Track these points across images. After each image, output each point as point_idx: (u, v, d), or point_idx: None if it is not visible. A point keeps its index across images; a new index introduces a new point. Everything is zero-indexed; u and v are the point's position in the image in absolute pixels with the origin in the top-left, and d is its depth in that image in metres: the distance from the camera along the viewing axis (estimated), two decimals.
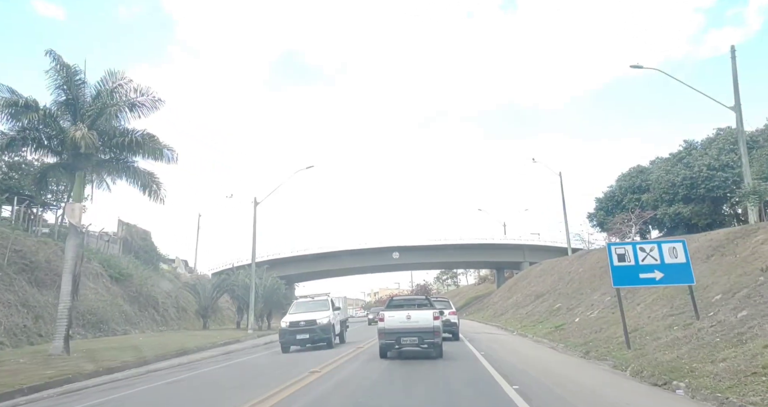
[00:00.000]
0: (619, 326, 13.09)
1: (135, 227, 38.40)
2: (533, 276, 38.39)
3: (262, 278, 36.49)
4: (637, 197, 36.59)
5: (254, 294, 35.12)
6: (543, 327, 19.74)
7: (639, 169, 38.62)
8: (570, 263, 30.53)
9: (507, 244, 52.18)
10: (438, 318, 12.18)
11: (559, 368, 10.49)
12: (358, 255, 51.72)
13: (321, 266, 52.62)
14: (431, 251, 51.84)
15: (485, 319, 34.19)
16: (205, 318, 33.95)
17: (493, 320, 31.49)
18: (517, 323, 24.57)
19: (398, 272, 75.07)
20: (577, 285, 23.69)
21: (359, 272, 59.75)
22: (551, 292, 27.11)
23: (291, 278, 56.10)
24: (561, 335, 16.26)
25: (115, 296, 28.88)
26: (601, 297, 18.79)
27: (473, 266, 67.76)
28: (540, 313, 23.70)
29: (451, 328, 17.70)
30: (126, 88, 17.52)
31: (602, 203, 40.75)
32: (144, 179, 17.63)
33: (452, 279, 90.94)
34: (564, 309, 21.17)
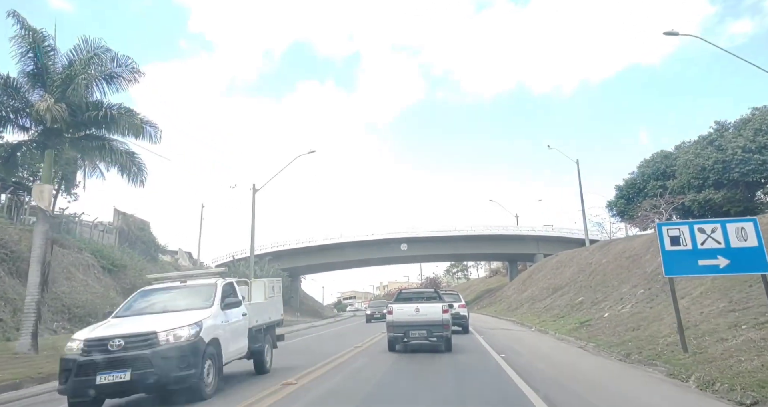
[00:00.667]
0: (662, 323, 11.15)
1: (132, 216, 36.90)
2: (549, 268, 36.34)
3: (264, 270, 34.86)
4: (661, 183, 34.22)
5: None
6: (565, 323, 17.80)
7: (663, 154, 36.20)
8: (590, 254, 28.45)
9: (520, 235, 50.01)
10: (447, 311, 12.00)
11: (599, 376, 8.57)
12: (365, 247, 49.98)
13: (326, 259, 51.00)
14: (441, 242, 49.90)
15: (499, 313, 32.27)
16: None
17: (507, 314, 29.56)
18: (535, 318, 22.64)
19: (406, 264, 73.24)
20: (601, 277, 21.65)
21: (366, 264, 58.07)
22: (571, 285, 25.10)
23: (296, 271, 54.63)
24: (588, 332, 14.31)
25: (108, 288, 27.39)
26: (632, 290, 16.78)
27: (484, 258, 65.72)
28: (560, 307, 21.72)
29: (461, 321, 17.50)
30: (103, 59, 15.83)
31: (623, 191, 38.38)
32: (122, 159, 15.89)
33: (462, 272, 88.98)
34: (588, 303, 19.18)
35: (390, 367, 9.71)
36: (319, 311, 61.69)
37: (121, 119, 15.42)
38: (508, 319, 26.74)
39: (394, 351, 12.04)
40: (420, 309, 11.94)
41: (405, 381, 8.27)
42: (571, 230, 51.82)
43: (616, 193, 39.69)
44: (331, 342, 16.32)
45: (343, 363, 10.37)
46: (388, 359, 10.76)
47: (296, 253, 50.84)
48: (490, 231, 49.83)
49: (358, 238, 49.40)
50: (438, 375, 8.84)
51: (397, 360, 10.76)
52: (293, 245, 50.63)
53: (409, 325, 11.73)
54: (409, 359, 11.01)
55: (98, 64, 15.73)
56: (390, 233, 49.66)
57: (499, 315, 30.73)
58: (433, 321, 11.69)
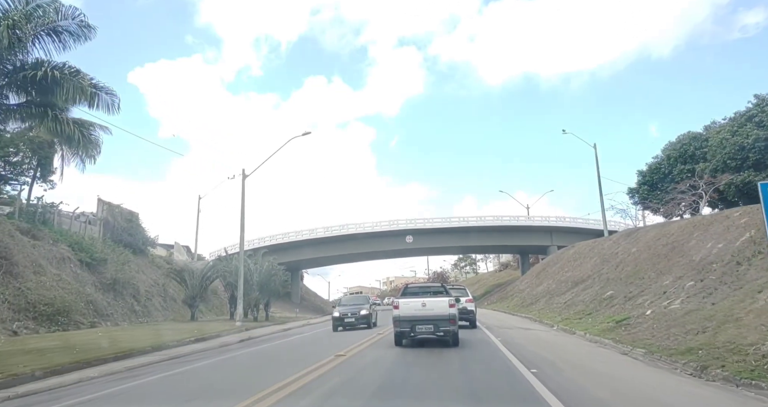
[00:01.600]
0: (740, 324, 8.50)
1: (119, 207, 34.61)
2: (565, 260, 33.57)
3: (258, 264, 32.49)
4: (689, 167, 31.33)
5: (246, 281, 31.16)
6: (595, 321, 15.15)
7: (691, 135, 33.21)
8: (614, 243, 25.67)
9: (532, 226, 47.24)
10: (453, 305, 11.87)
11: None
12: (368, 239, 47.47)
13: (327, 252, 48.55)
14: (448, 234, 47.23)
15: (512, 309, 29.62)
16: (192, 308, 30.12)
17: (522, 310, 26.91)
18: (555, 314, 19.99)
19: (412, 258, 70.59)
20: (633, 268, 18.92)
21: (369, 257, 55.60)
22: (594, 277, 22.37)
23: (297, 265, 52.27)
24: (630, 334, 11.68)
25: (84, 284, 25.10)
26: (677, 282, 14.06)
27: (494, 250, 62.94)
28: (585, 303, 19.04)
29: (468, 316, 17.46)
30: (47, 10, 13.37)
31: (646, 176, 35.51)
32: (69, 129, 13.44)
33: (471, 266, 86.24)
34: (620, 298, 16.48)
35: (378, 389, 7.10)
36: (321, 307, 59.34)
37: (65, 81, 12.91)
38: (524, 316, 24.10)
39: (401, 346, 11.85)
40: (426, 304, 11.80)
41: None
42: (586, 220, 49.01)
43: (638, 179, 36.82)
44: (311, 348, 13.74)
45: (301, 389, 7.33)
46: (375, 376, 8.11)
47: (296, 246, 48.44)
48: (500, 222, 47.10)
49: (361, 230, 46.90)
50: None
51: (390, 373, 8.15)
52: (293, 237, 48.22)
53: (416, 320, 11.64)
54: (407, 372, 8.42)
55: (39, 17, 13.24)
56: (394, 223, 47.09)
57: (513, 311, 28.09)
58: (440, 315, 11.57)
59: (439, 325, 11.49)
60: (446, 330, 11.51)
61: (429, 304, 11.80)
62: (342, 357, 9.99)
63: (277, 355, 12.39)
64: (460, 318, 13.59)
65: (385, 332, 15.84)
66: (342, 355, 10.30)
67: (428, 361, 9.73)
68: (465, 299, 17.67)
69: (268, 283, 32.01)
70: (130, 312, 27.57)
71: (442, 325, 11.48)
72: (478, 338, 13.03)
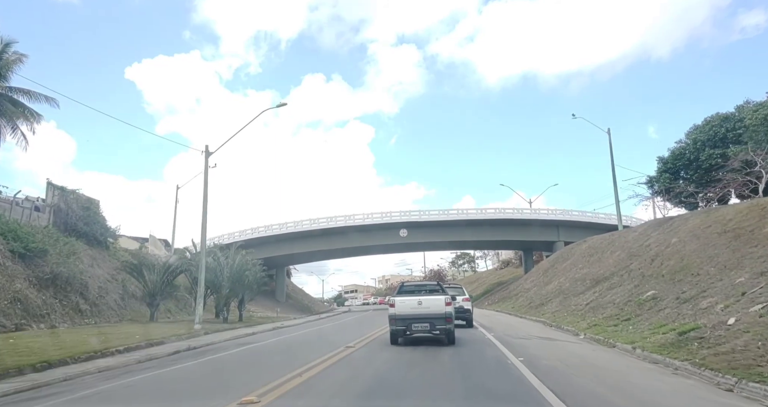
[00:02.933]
0: None
1: (74, 193, 30.58)
2: (577, 256, 29.82)
3: (230, 257, 28.58)
4: (720, 151, 27.54)
5: (216, 277, 27.27)
6: (640, 330, 11.37)
7: (721, 116, 29.38)
8: (641, 235, 21.90)
9: (537, 220, 43.38)
10: (450, 303, 11.74)
11: None
12: (359, 233, 43.55)
13: (316, 246, 44.63)
14: (445, 228, 43.37)
15: (519, 311, 25.82)
16: (152, 307, 26.18)
17: (531, 312, 23.12)
18: (577, 319, 16.20)
19: (407, 253, 66.43)
20: (678, 263, 15.11)
21: (362, 253, 51.70)
22: (622, 274, 18.57)
23: (280, 261, 48.38)
24: (714, 353, 7.87)
25: (14, 278, 21.15)
26: (758, 280, 10.24)
27: (495, 246, 58.98)
28: (616, 305, 15.22)
29: (465, 315, 17.29)
30: None
31: (667, 163, 31.64)
32: None
33: (469, 264, 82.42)
34: (669, 300, 12.67)
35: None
36: (308, 306, 55.45)
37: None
38: (535, 319, 20.30)
39: (396, 344, 11.60)
40: (423, 302, 11.71)
41: None
42: (596, 214, 45.21)
43: (659, 166, 32.92)
44: (246, 373, 9.66)
45: None
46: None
47: (281, 240, 44.50)
48: (502, 215, 43.26)
49: (351, 222, 42.99)
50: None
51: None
52: (276, 230, 44.25)
53: (412, 318, 11.54)
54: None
55: None
56: (387, 216, 43.19)
57: (521, 313, 24.28)
58: (436, 313, 11.48)
59: (435, 324, 11.40)
60: (442, 329, 11.45)
61: (425, 302, 11.64)
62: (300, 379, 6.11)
63: (187, 380, 8.50)
64: (457, 317, 14.11)
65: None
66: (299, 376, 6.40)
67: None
68: (462, 299, 17.49)
69: (241, 279, 28.09)
70: (75, 311, 23.56)
71: (438, 324, 11.40)
72: (493, 360, 8.99)
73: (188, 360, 10.42)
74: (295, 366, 8.36)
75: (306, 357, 9.84)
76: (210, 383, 7.75)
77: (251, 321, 30.06)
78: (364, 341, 12.49)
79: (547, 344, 11.58)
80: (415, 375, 7.65)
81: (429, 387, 6.73)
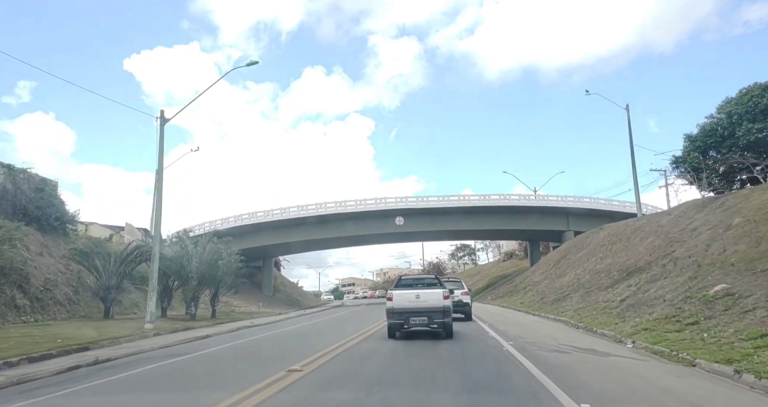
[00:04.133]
0: None
1: (24, 172, 26.88)
2: (595, 245, 26.33)
3: (199, 245, 25.05)
4: (761, 125, 23.94)
5: (183, 268, 23.81)
6: (725, 339, 7.94)
7: (762, 86, 25.65)
8: (681, 217, 18.37)
9: (546, 207, 39.81)
10: (448, 297, 11.68)
11: None
12: (351, 221, 40.03)
13: (305, 235, 41.10)
14: (443, 216, 39.79)
15: (530, 307, 22.35)
16: (107, 302, 22.67)
17: (545, 309, 19.65)
18: (613, 319, 12.72)
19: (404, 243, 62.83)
20: (754, 248, 11.57)
21: (354, 242, 48.18)
22: (664, 264, 15.06)
23: (268, 251, 44.91)
24: None
25: None
26: None
27: (498, 236, 55.39)
28: (668, 302, 11.72)
29: (464, 309, 17.34)
30: None
31: (696, 141, 27.97)
32: None
33: (470, 256, 78.98)
34: (758, 298, 9.17)
35: None
36: (297, 300, 52.04)
37: None
38: (553, 317, 16.82)
39: (394, 338, 11.53)
40: (420, 296, 11.62)
41: None
42: (609, 201, 41.66)
43: (685, 145, 29.23)
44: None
45: None
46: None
47: (265, 229, 40.94)
48: (507, 202, 39.67)
49: (342, 209, 39.42)
50: None
51: None
52: (261, 218, 40.67)
53: (410, 312, 11.49)
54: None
55: None
56: (382, 202, 39.62)
57: (533, 310, 20.80)
58: (434, 307, 11.43)
59: (433, 317, 11.42)
60: (440, 322, 11.46)
61: (423, 296, 11.62)
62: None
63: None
64: (455, 311, 14.38)
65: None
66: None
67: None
68: (461, 292, 17.49)
69: (212, 270, 24.57)
70: (9, 307, 20.06)
71: (436, 317, 11.41)
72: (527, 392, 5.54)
73: (50, 390, 6.88)
74: (266, 371, 4.96)
75: (230, 382, 6.32)
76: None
77: (225, 316, 26.60)
78: (327, 355, 9.00)
79: (598, 363, 7.99)
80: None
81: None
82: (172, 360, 9.42)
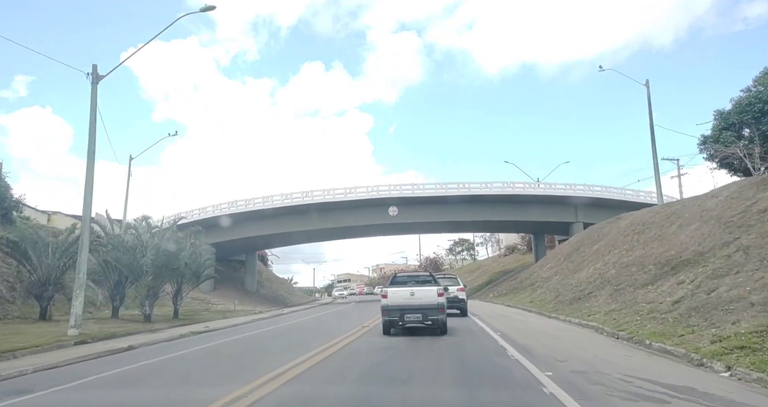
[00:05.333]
0: None
1: None
2: (615, 236, 22.97)
3: (156, 236, 21.50)
4: None
5: (135, 260, 20.30)
6: None
7: None
8: (733, 199, 14.94)
9: (551, 196, 36.37)
10: (442, 294, 11.74)
11: None
12: (340, 211, 36.53)
13: (290, 226, 37.60)
14: (441, 206, 36.29)
15: (542, 306, 18.92)
16: (43, 300, 19.14)
17: (564, 309, 16.21)
18: (673, 328, 9.34)
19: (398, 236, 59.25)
20: None
21: (345, 234, 44.67)
22: (728, 255, 11.63)
23: (252, 244, 41.47)
24: None
25: None
26: None
27: (500, 228, 51.82)
28: (761, 306, 8.27)
29: (459, 305, 17.75)
30: None
31: (729, 117, 24.59)
32: None
33: (468, 251, 75.58)
34: None
35: None
36: (285, 297, 48.54)
37: None
38: (577, 321, 13.41)
39: (389, 335, 11.56)
40: (415, 293, 11.74)
41: None
42: (622, 190, 38.23)
43: (715, 123, 25.80)
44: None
45: None
46: None
47: (247, 219, 37.38)
48: (509, 190, 36.21)
49: (330, 198, 35.89)
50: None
51: None
52: (242, 207, 37.09)
53: (404, 309, 11.61)
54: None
55: None
56: (374, 190, 36.11)
57: (547, 310, 17.36)
58: (429, 304, 11.53)
59: (427, 314, 11.48)
60: (435, 319, 11.52)
61: (417, 293, 11.71)
62: None
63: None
64: (451, 307, 15.52)
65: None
66: None
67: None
68: (456, 288, 17.93)
69: (171, 263, 21.03)
70: None
71: (430, 314, 11.49)
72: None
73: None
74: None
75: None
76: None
77: (188, 317, 23.09)
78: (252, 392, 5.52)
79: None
80: None
81: None
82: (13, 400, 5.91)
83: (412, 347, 9.69)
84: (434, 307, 11.41)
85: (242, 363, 8.69)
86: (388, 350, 9.34)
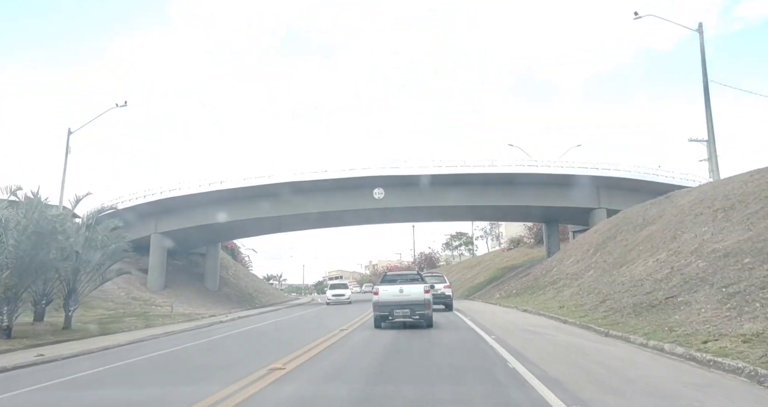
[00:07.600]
0: None
1: None
2: (672, 218, 16.86)
3: (26, 216, 14.99)
4: None
5: None
6: None
7: None
8: None
9: (571, 175, 29.83)
10: (428, 291, 12.89)
11: None
12: (315, 192, 30.17)
13: (256, 212, 31.23)
14: (435, 188, 29.80)
15: (588, 317, 12.47)
16: None
17: (628, 323, 9.79)
18: None
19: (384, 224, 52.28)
20: None
21: (322, 222, 38.28)
22: None
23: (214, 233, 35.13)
24: None
25: None
26: None
27: (504, 216, 45.06)
28: None
29: (445, 300, 19.34)
30: None
31: None
32: None
33: (466, 246, 69.30)
34: None
35: None
36: (253, 296, 42.14)
37: None
38: (682, 350, 7.20)
39: (380, 329, 12.63)
40: (404, 290, 12.70)
41: None
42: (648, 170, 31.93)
43: None
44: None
45: None
46: None
47: (199, 205, 30.97)
48: (518, 169, 29.84)
49: (303, 177, 29.52)
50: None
51: None
52: (195, 189, 30.63)
53: (394, 305, 12.55)
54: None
55: None
56: (356, 169, 29.76)
57: (598, 324, 10.96)
58: (416, 300, 12.49)
59: (415, 310, 12.43)
60: (421, 314, 12.49)
61: (406, 290, 12.69)
62: None
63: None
64: (437, 302, 16.82)
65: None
66: None
67: None
68: (443, 286, 19.74)
69: (39, 251, 14.50)
70: None
71: (417, 309, 12.44)
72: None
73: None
74: None
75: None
76: None
77: (85, 329, 16.59)
78: None
79: None
80: None
81: None
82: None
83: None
84: (421, 303, 12.51)
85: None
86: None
